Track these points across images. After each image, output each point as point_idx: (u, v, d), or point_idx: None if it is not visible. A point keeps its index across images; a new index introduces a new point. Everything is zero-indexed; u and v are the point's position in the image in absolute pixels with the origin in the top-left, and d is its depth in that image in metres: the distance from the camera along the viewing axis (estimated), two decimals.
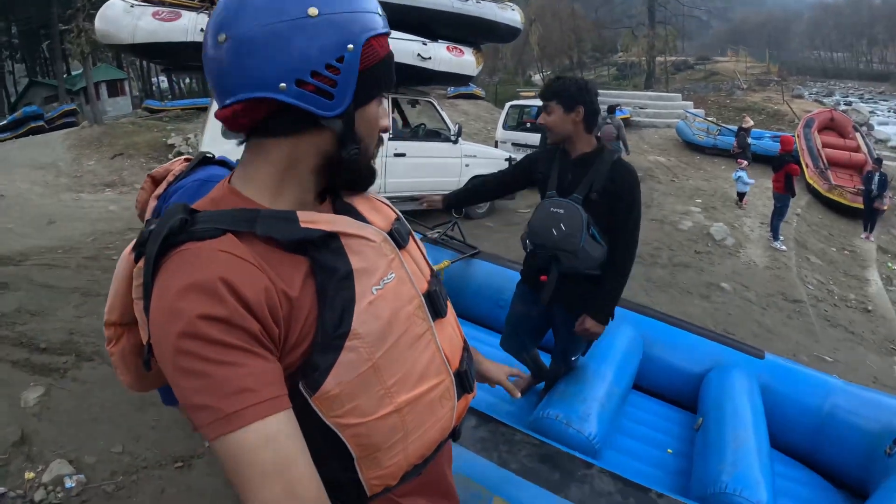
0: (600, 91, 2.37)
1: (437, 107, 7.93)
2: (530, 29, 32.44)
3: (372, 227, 0.84)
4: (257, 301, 0.68)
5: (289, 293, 0.72)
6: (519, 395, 1.29)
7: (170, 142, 13.81)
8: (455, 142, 7.82)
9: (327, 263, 0.76)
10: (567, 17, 35.23)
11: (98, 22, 5.87)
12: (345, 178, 0.85)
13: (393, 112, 7.78)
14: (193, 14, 5.87)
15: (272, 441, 0.65)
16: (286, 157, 0.79)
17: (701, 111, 18.13)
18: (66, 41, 18.59)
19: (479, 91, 23.25)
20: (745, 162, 10.50)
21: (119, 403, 3.27)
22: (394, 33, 4.39)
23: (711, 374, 2.84)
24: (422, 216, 5.37)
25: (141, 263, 0.73)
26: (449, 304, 1.00)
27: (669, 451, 2.56)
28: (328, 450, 0.77)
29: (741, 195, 10.16)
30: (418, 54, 6.83)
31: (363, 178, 0.87)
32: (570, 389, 2.46)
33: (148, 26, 5.75)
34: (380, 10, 0.80)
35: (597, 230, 2.16)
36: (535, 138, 10.55)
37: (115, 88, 31.22)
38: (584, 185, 2.16)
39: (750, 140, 12.91)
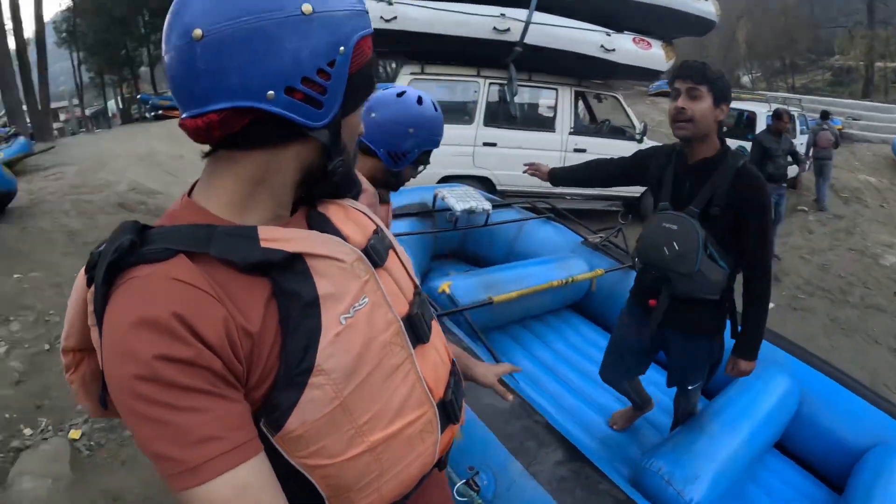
0: (813, 97, 2.01)
1: (623, 103, 7.51)
2: (738, 25, 29.99)
3: (344, 246, 0.74)
4: (217, 336, 0.61)
5: (248, 328, 0.64)
6: (511, 398, 1.21)
7: None
8: (640, 141, 7.18)
9: (290, 288, 0.67)
10: (779, 13, 32.02)
11: None
12: (325, 189, 0.78)
13: (578, 105, 7.50)
14: (373, 2, 6.06)
15: (244, 492, 0.60)
16: (260, 170, 0.70)
17: None
18: None
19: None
20: None
21: None
22: (575, 23, 4.22)
23: (872, 453, 2.30)
24: (586, 218, 5.12)
25: (93, 289, 0.66)
26: (435, 324, 0.92)
27: None
28: (298, 490, 0.70)
29: None
30: (601, 46, 6.50)
31: (345, 187, 0.80)
32: (685, 439, 2.13)
33: None
34: (365, 9, 0.72)
35: (716, 250, 1.85)
36: (732, 144, 9.58)
37: None
38: (703, 197, 1.85)
39: None
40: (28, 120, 17.48)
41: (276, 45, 0.62)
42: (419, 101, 1.53)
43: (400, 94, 1.54)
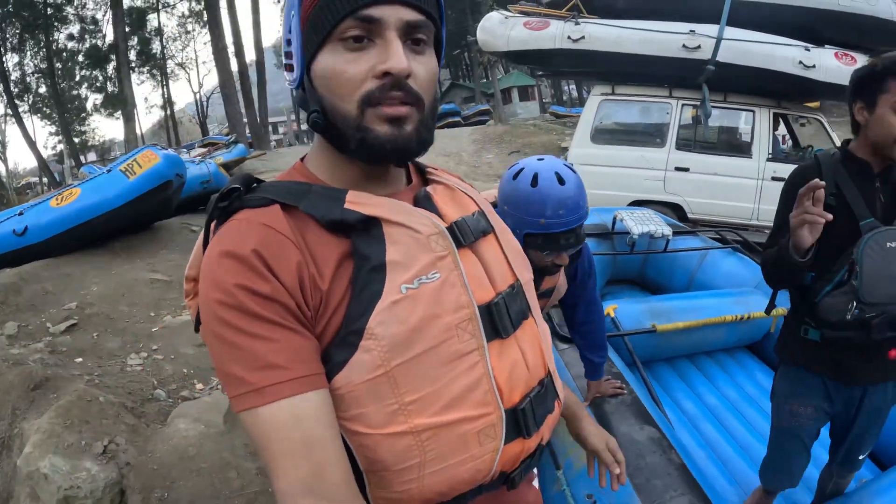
0: None
1: (827, 126, 6.78)
2: None
3: (425, 218, 0.75)
4: (290, 276, 0.66)
5: (319, 283, 0.69)
6: (619, 485, 1.08)
7: (563, 144, 14.65)
8: None
9: (364, 251, 0.70)
10: None
11: (479, 32, 6.65)
12: (340, 146, 0.74)
13: (777, 129, 6.92)
14: (561, 22, 6.15)
15: (300, 422, 0.63)
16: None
17: None
18: (475, 50, 21.56)
19: None
20: None
21: None
22: (770, 37, 3.82)
23: None
24: None
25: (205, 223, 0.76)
26: (531, 324, 0.85)
27: None
28: None
29: None
30: (800, 62, 5.89)
31: (357, 144, 0.71)
32: None
33: (519, 35, 6.27)
34: None
35: None
36: None
37: (525, 93, 35.05)
38: None
39: None
40: (248, 131, 20.09)
41: (286, 28, 0.74)
42: (523, 176, 1.44)
43: (517, 174, 1.47)
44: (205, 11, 21.65)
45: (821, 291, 1.61)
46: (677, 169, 6.31)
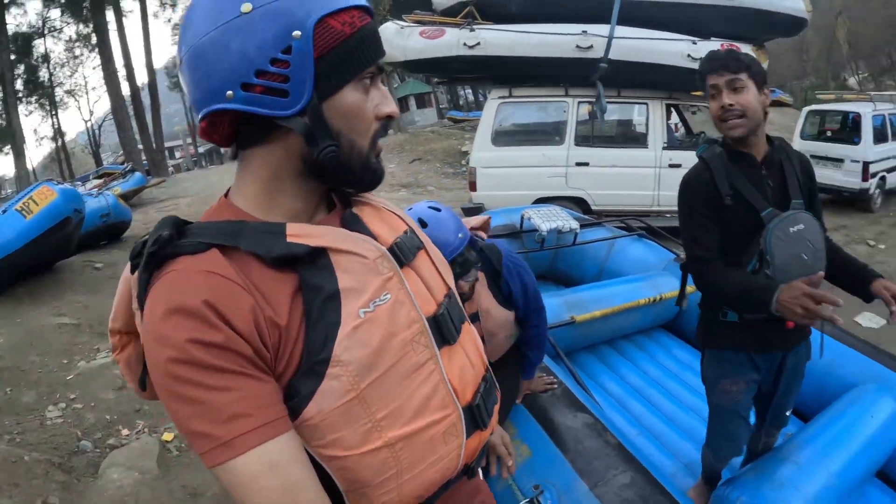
0: None
1: None
2: (836, 23, 28.22)
3: (368, 243, 0.77)
4: (244, 323, 0.65)
5: (276, 320, 0.68)
6: (507, 473, 1.20)
7: (464, 149, 14.76)
8: None
9: (314, 282, 0.71)
10: (879, 6, 29.87)
11: None
12: (339, 178, 0.78)
13: (669, 119, 7.30)
14: (456, 30, 6.24)
15: (276, 467, 0.63)
16: (264, 165, 0.75)
17: None
18: None
19: (785, 98, 19.98)
20: None
21: None
22: (659, 34, 4.12)
23: None
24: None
25: (136, 276, 0.72)
26: (467, 327, 0.91)
27: None
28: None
29: None
30: (688, 55, 6.27)
31: (360, 177, 0.78)
32: (769, 469, 1.94)
33: (416, 44, 6.32)
34: None
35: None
36: (837, 150, 9.01)
37: (422, 100, 34.95)
38: (794, 187, 1.72)
39: None
40: (143, 157, 19.17)
41: (224, 49, 0.67)
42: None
43: None
44: (93, 34, 20.62)
45: None
46: (578, 164, 6.55)
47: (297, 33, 0.67)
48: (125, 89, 19.13)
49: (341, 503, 0.75)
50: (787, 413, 2.03)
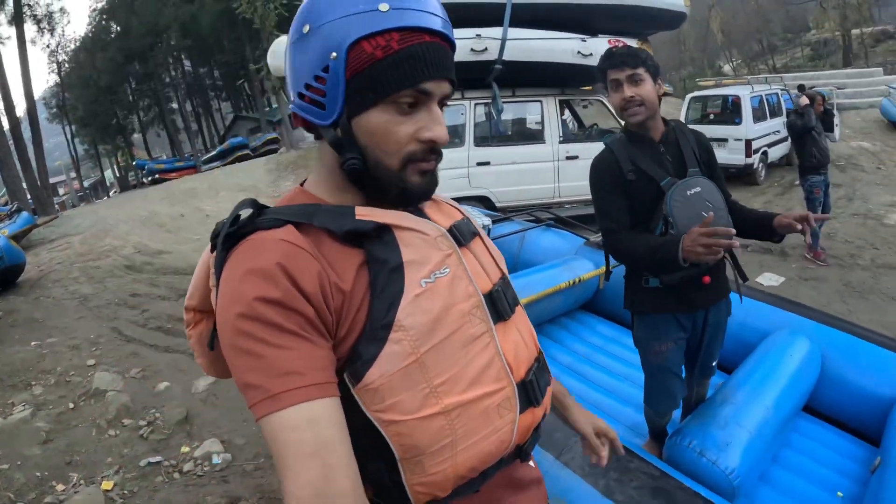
0: (795, 74, 2.00)
1: (608, 105, 7.57)
2: (710, 15, 30.21)
3: (429, 224, 0.84)
4: (311, 287, 0.70)
5: (341, 286, 0.74)
6: (604, 462, 1.15)
7: None
8: None
9: (380, 255, 0.76)
10: None
11: (269, 58, 6.42)
12: (368, 188, 0.83)
13: (563, 114, 7.59)
14: None
15: (314, 424, 0.66)
16: (329, 158, 0.83)
17: None
18: (259, 78, 21.03)
19: (666, 87, 21.06)
20: None
21: None
22: (550, 34, 4.27)
23: None
24: (591, 221, 5.15)
25: (214, 254, 0.78)
26: (521, 310, 0.95)
27: (840, 494, 2.12)
28: (372, 447, 0.75)
29: None
30: (578, 52, 6.56)
31: (388, 191, 0.81)
32: (711, 413, 2.13)
33: None
34: (381, 7, 0.73)
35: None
36: (721, 131, 9.68)
37: None
38: (691, 158, 1.91)
39: None
40: (28, 196, 17.78)
41: (292, 62, 0.79)
42: None
43: None
44: None
45: None
46: (479, 164, 6.71)
47: (333, 55, 0.74)
48: (4, 123, 17.71)
49: (395, 474, 0.78)
50: (714, 363, 2.23)
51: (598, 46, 6.64)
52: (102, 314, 5.74)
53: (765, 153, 9.82)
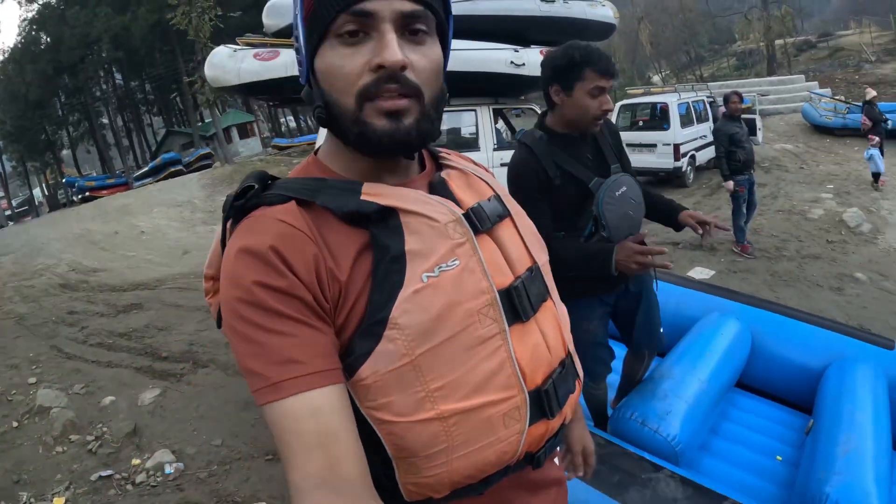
0: (722, 82, 2.13)
1: (539, 112, 7.73)
2: (639, 27, 31.32)
3: (444, 206, 0.76)
4: (306, 270, 0.67)
5: (337, 273, 0.69)
6: (573, 477, 1.12)
7: None
8: None
9: (383, 241, 0.71)
10: (676, 11, 33.78)
11: (207, 69, 6.35)
12: (344, 140, 0.75)
13: (497, 122, 7.73)
14: (290, 51, 6.20)
15: (316, 414, 0.63)
16: None
17: (828, 90, 16.58)
18: (192, 92, 20.60)
19: None
20: (877, 138, 9.37)
21: (225, 404, 3.69)
22: (484, 44, 4.42)
23: (831, 370, 2.53)
24: None
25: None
26: (550, 305, 0.87)
27: (779, 458, 2.31)
28: (367, 441, 0.69)
29: (876, 175, 9.11)
30: (511, 62, 6.71)
31: (353, 137, 0.72)
32: (650, 385, 2.29)
33: (251, 67, 6.17)
34: None
35: None
36: (650, 137, 10.10)
37: (245, 130, 33.76)
38: (610, 154, 1.99)
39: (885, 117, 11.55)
40: None
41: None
42: None
43: None
44: None
45: None
46: None
47: (297, 10, 0.72)
48: None
49: (389, 469, 0.74)
50: (660, 331, 2.27)
51: (530, 56, 6.86)
52: (40, 332, 5.58)
53: (693, 157, 10.29)
